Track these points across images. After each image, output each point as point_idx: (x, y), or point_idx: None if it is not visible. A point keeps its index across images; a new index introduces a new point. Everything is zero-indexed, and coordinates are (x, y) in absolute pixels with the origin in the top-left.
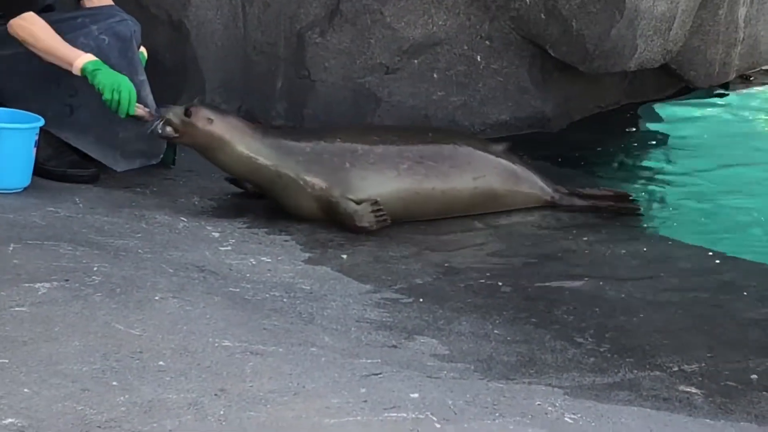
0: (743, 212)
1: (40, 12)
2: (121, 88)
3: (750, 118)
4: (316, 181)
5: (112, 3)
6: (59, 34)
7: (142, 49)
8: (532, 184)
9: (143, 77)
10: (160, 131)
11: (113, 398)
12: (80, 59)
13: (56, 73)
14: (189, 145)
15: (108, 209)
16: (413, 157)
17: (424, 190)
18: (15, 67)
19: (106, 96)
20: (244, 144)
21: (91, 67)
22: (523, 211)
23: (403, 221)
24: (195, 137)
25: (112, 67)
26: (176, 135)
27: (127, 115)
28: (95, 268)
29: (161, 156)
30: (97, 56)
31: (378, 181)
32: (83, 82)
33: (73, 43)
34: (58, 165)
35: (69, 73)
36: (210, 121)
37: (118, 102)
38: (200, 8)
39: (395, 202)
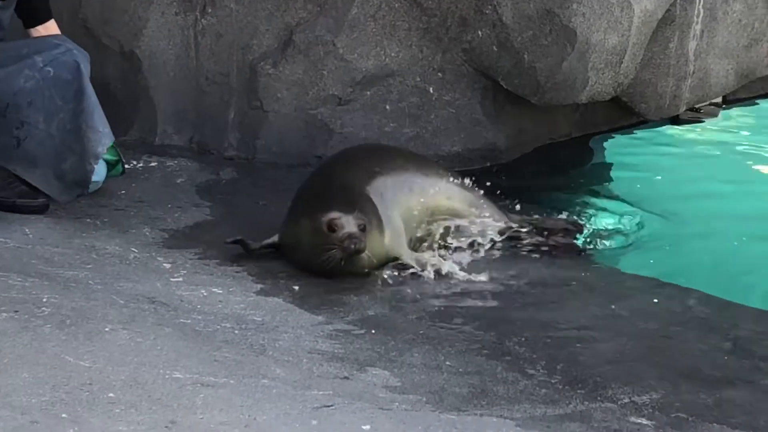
0: (693, 243)
1: None
2: None
3: (699, 150)
4: None
5: (58, 32)
6: (3, 66)
7: None
8: (490, 215)
9: (87, 105)
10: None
11: (62, 430)
12: None
13: (2, 106)
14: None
15: (58, 240)
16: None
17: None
18: None
19: None
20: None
21: None
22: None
23: None
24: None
25: (56, 99)
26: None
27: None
28: (45, 299)
29: (90, 184)
30: (41, 88)
31: None
32: (29, 113)
33: (18, 75)
34: (7, 196)
35: (15, 104)
36: (363, 226)
37: None
38: (152, 38)
39: None
